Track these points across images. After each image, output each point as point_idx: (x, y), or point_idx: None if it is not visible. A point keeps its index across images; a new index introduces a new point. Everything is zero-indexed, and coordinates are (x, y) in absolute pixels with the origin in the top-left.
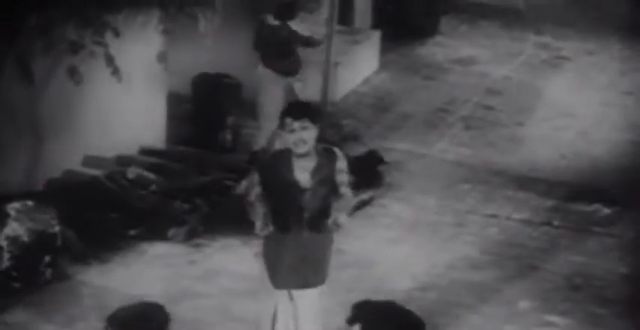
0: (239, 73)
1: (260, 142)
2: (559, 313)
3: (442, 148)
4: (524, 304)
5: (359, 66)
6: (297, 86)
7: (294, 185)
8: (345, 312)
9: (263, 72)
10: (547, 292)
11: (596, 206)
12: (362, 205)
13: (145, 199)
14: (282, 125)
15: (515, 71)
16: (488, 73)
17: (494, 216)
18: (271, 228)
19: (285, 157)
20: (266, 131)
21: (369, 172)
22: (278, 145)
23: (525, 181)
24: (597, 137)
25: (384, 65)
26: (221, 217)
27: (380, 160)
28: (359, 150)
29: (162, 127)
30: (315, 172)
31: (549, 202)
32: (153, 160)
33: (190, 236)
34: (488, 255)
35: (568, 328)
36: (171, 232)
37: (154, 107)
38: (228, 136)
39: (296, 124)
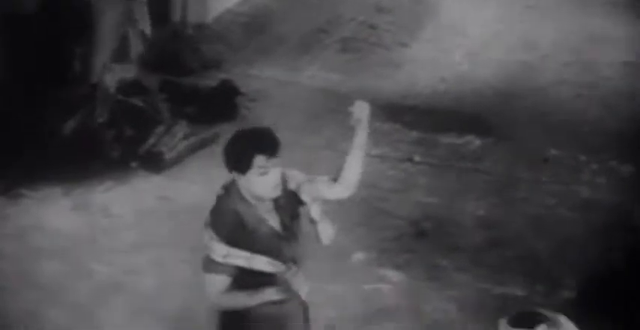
0: None
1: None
2: (395, 267)
3: (311, 74)
4: (357, 257)
5: None
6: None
7: (273, 235)
8: None
9: None
10: (388, 241)
11: (467, 138)
12: (204, 143)
13: None
14: (243, 167)
15: None
16: None
17: None
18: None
19: (244, 204)
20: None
21: (222, 104)
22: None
23: (396, 110)
24: (486, 58)
25: None
26: (46, 163)
27: (235, 91)
28: (218, 78)
29: None
30: (279, 208)
31: (414, 134)
32: None
33: (11, 187)
34: None
35: (401, 284)
36: None
37: None
38: (77, 67)
39: (270, 163)
